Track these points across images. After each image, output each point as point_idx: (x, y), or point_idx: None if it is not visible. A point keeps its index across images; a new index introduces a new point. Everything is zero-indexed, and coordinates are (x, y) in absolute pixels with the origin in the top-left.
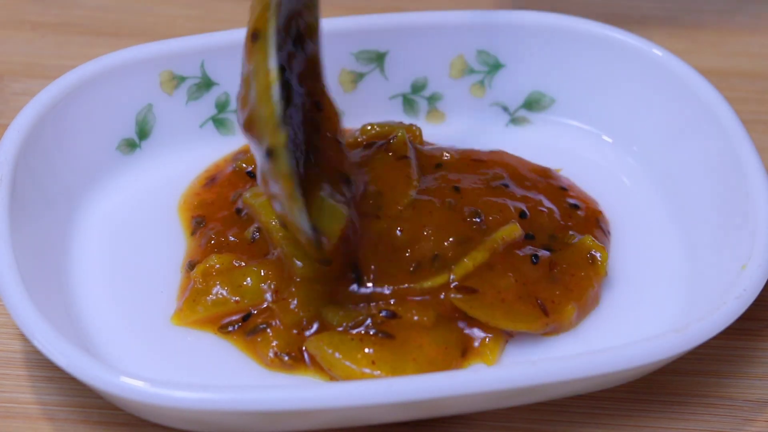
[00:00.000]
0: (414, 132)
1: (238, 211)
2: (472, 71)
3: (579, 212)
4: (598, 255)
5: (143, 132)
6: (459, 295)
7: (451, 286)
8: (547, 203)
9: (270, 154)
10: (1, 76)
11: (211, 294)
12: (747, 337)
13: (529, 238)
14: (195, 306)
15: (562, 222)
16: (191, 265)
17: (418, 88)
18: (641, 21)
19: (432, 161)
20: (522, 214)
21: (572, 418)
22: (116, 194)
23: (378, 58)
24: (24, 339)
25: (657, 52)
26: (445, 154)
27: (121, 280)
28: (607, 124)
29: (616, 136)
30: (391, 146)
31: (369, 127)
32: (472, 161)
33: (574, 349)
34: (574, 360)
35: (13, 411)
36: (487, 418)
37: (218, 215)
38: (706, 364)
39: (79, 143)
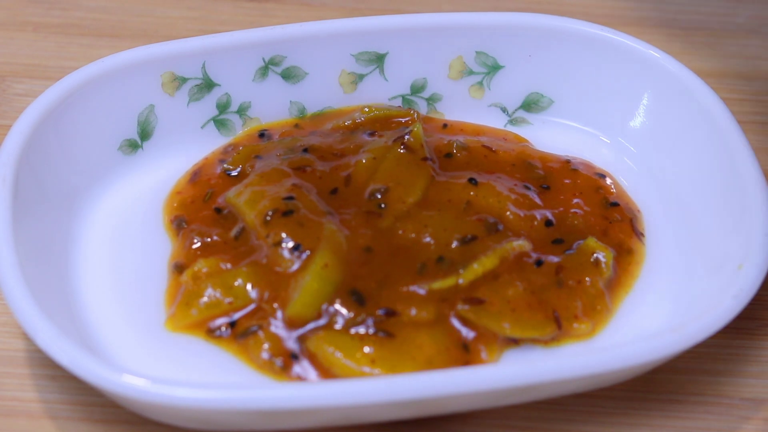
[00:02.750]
0: (413, 116)
1: (218, 209)
2: (471, 72)
3: (617, 215)
4: (602, 256)
5: (145, 133)
6: (466, 306)
7: (460, 297)
8: (585, 206)
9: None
10: (3, 77)
11: (204, 296)
12: (743, 336)
13: (557, 242)
14: (188, 309)
15: (597, 226)
16: (178, 268)
17: (417, 89)
18: (638, 23)
19: (441, 150)
20: (548, 223)
21: (570, 417)
22: (118, 195)
23: (378, 60)
24: (26, 338)
25: (654, 53)
26: (455, 145)
27: (122, 279)
28: (605, 125)
29: (614, 137)
30: (408, 144)
31: (367, 109)
32: (485, 149)
33: (572, 347)
34: (571, 359)
35: (15, 409)
36: (486, 417)
37: (200, 214)
38: (703, 362)
39: (81, 144)
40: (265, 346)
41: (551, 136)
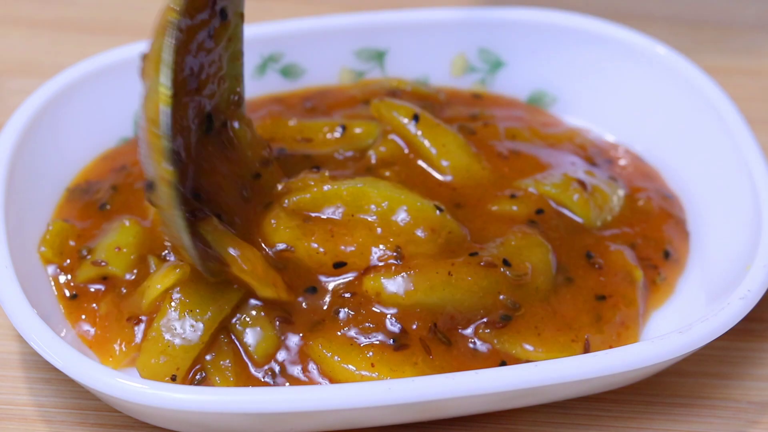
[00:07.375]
0: (437, 98)
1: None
2: (473, 69)
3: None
4: (631, 269)
5: None
6: (488, 330)
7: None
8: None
9: (152, 186)
10: None
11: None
12: (751, 339)
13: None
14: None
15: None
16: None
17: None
18: (644, 18)
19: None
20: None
21: (575, 420)
22: None
23: (378, 56)
24: (21, 340)
25: (660, 49)
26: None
27: None
28: (610, 122)
29: (619, 134)
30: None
31: (396, 83)
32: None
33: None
34: (576, 362)
35: (9, 413)
36: (489, 420)
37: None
38: (710, 365)
39: (76, 142)
40: (231, 379)
41: None
